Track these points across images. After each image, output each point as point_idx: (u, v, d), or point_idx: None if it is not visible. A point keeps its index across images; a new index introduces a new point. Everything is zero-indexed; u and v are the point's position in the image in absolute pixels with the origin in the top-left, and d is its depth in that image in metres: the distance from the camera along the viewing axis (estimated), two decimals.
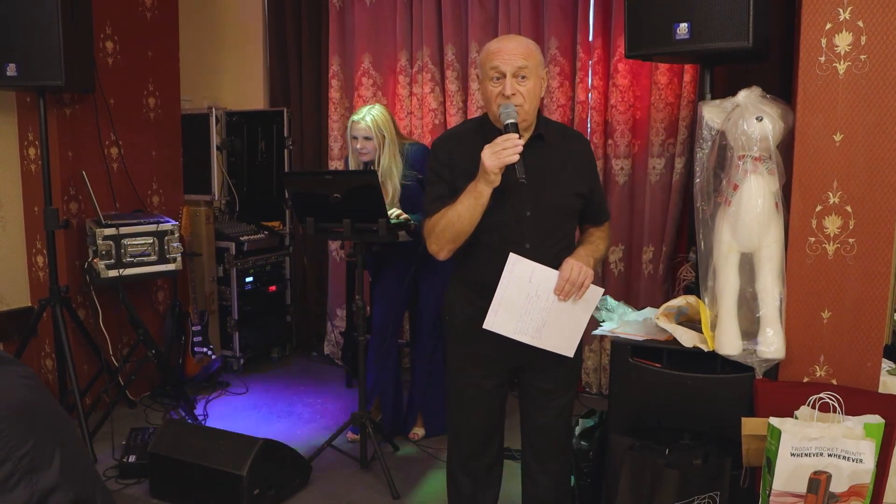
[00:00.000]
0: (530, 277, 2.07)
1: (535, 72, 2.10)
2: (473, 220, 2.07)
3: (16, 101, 3.74)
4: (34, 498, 1.25)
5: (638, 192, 3.94)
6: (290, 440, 3.33)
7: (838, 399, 2.15)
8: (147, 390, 4.10)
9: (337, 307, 4.79)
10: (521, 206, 2.12)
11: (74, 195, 3.73)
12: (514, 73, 2.06)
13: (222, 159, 4.90)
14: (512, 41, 2.12)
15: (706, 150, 2.45)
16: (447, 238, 2.12)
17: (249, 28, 5.02)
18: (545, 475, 2.35)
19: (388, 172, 3.27)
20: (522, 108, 2.08)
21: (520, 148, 1.98)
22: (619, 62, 3.82)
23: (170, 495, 2.94)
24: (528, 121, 2.13)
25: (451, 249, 2.15)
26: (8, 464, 1.23)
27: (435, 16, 4.27)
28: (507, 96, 2.05)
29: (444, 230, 2.11)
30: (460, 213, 2.07)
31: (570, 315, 2.12)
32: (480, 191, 2.03)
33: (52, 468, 1.29)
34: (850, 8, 2.19)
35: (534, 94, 2.10)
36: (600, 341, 4.08)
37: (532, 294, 2.08)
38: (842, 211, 2.27)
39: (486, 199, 2.04)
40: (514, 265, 2.07)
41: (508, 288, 2.07)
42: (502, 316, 2.08)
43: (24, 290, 3.85)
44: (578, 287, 2.07)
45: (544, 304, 2.09)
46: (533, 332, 2.10)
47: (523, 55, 2.07)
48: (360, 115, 3.30)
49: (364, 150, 3.30)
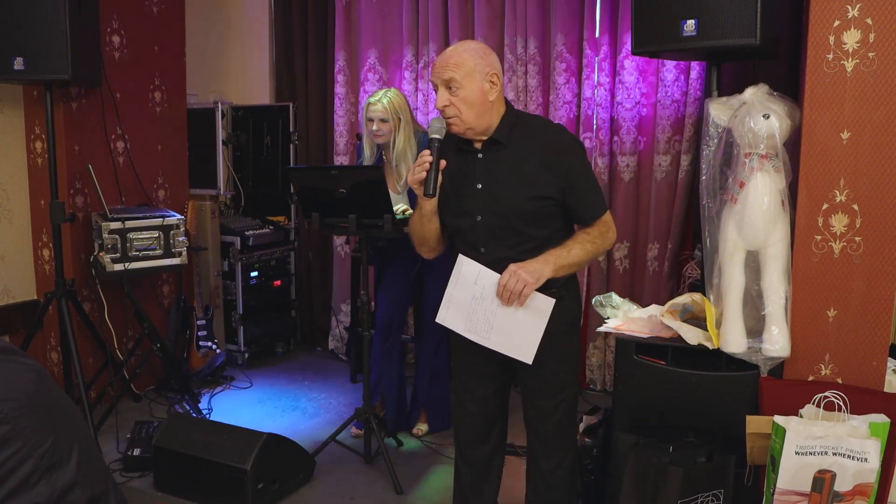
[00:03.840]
0: (475, 279, 2.11)
1: (469, 78, 2.05)
2: (424, 227, 2.20)
3: (23, 95, 3.74)
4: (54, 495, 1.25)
5: (643, 189, 3.93)
6: (295, 435, 3.34)
7: (843, 398, 2.14)
8: (152, 384, 4.11)
9: (342, 302, 4.80)
10: (473, 212, 2.14)
11: (80, 189, 3.74)
12: (445, 85, 2.07)
13: (228, 154, 4.90)
14: (447, 51, 2.12)
15: (712, 147, 2.44)
16: (416, 242, 2.29)
17: (255, 23, 5.02)
18: (546, 472, 2.35)
19: (403, 155, 3.27)
20: (458, 118, 2.07)
21: (427, 166, 2.05)
22: (626, 59, 3.82)
23: (174, 489, 2.95)
24: (473, 128, 2.10)
25: (427, 251, 2.29)
26: (30, 461, 1.23)
27: (441, 11, 4.27)
28: (439, 109, 2.09)
29: (411, 235, 2.30)
30: (414, 222, 2.24)
31: (520, 321, 2.10)
32: (421, 203, 2.15)
33: (71, 465, 1.29)
34: (858, 5, 2.17)
35: (470, 102, 2.06)
36: (605, 338, 4.07)
37: (478, 295, 2.11)
38: (848, 209, 2.26)
39: (427, 209, 2.15)
40: (461, 266, 2.13)
41: (457, 287, 2.13)
42: (453, 313, 2.15)
43: (30, 284, 3.86)
44: (517, 295, 2.03)
45: (489, 307, 2.11)
46: (482, 333, 2.13)
47: (451, 66, 2.05)
48: (377, 97, 3.30)
49: (380, 132, 3.29)
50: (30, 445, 1.24)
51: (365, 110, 3.34)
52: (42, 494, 1.24)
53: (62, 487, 1.27)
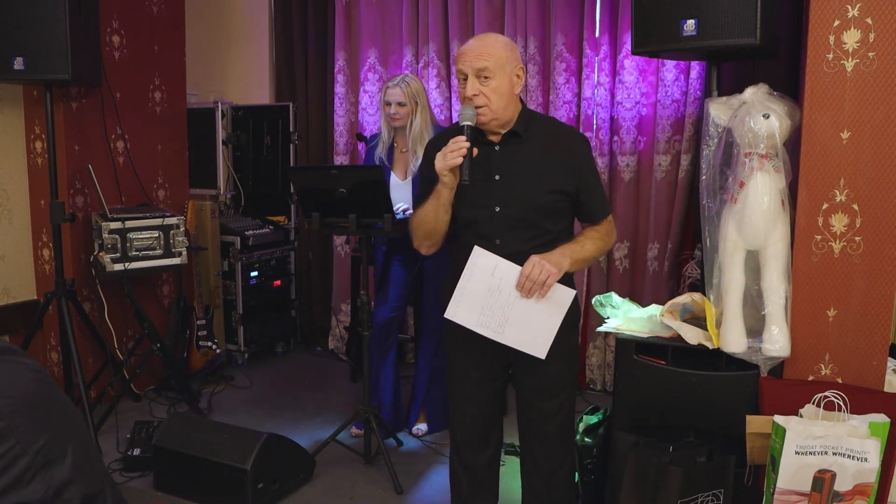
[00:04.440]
0: (493, 271, 2.08)
1: (502, 70, 2.08)
2: (438, 218, 2.14)
3: (23, 95, 3.74)
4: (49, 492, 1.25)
5: (643, 189, 3.93)
6: (295, 434, 3.33)
7: (843, 398, 2.14)
8: (152, 384, 4.11)
9: (342, 302, 4.80)
10: (491, 203, 2.14)
11: (80, 189, 3.74)
12: (475, 74, 2.08)
13: (228, 154, 4.90)
14: (477, 41, 2.13)
15: (712, 147, 2.44)
16: (420, 235, 2.23)
17: (255, 22, 5.02)
18: (542, 472, 2.35)
19: (419, 138, 3.29)
20: (488, 108, 2.08)
21: (464, 151, 2.02)
22: (626, 58, 3.81)
23: (174, 489, 2.94)
24: (499, 119, 2.12)
25: (429, 245, 2.24)
26: (25, 458, 1.24)
27: (441, 11, 4.27)
28: (469, 97, 2.08)
29: (416, 228, 2.22)
30: (427, 212, 2.17)
31: (537, 314, 2.09)
32: (439, 191, 2.11)
33: (66, 462, 1.29)
34: (858, 5, 2.17)
35: (500, 93, 2.09)
36: (605, 338, 4.08)
37: (494, 288, 2.08)
38: (848, 209, 2.26)
39: (445, 199, 2.11)
40: (477, 258, 2.09)
41: (471, 280, 2.09)
42: (464, 307, 2.10)
43: (30, 283, 3.86)
44: (540, 285, 2.05)
45: (506, 300, 2.08)
46: (496, 327, 2.09)
47: (485, 55, 2.07)
48: (395, 81, 3.33)
49: (397, 116, 3.32)
50: (24, 442, 1.24)
51: (383, 94, 3.39)
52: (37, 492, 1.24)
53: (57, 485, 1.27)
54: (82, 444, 1.38)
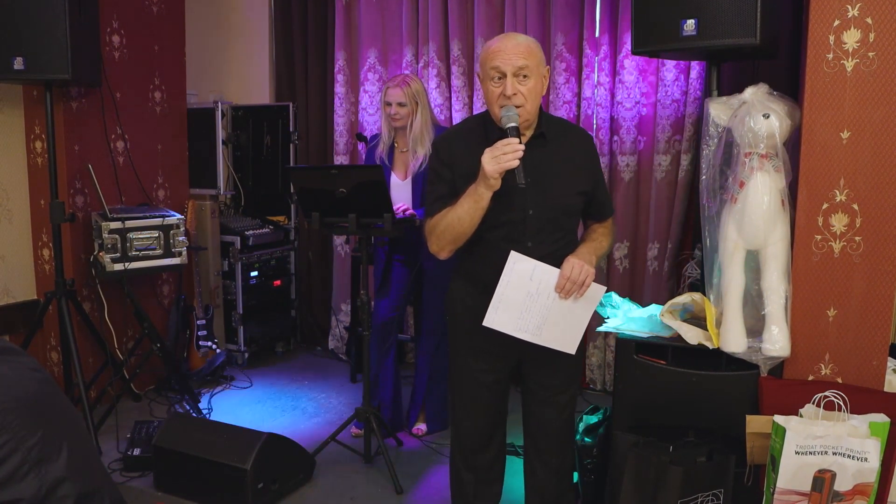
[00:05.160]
0: (531, 275, 2.08)
1: (537, 70, 2.08)
2: (474, 222, 2.08)
3: (23, 95, 3.74)
4: (43, 489, 1.26)
5: (643, 189, 3.93)
6: (295, 434, 3.33)
7: (843, 397, 2.14)
8: (152, 384, 4.11)
9: (342, 302, 4.80)
10: (524, 205, 2.12)
11: (80, 188, 3.74)
12: (514, 73, 2.05)
13: (228, 153, 4.90)
14: (512, 40, 2.10)
15: (712, 147, 2.44)
16: (448, 239, 2.13)
17: (255, 22, 5.02)
18: (547, 470, 2.35)
19: (420, 139, 3.30)
20: (524, 109, 2.07)
21: (520, 153, 1.97)
22: (626, 58, 3.81)
23: (174, 488, 2.94)
24: (529, 120, 2.13)
25: (451, 249, 2.16)
26: (18, 454, 1.24)
27: (441, 11, 4.26)
28: (508, 96, 2.05)
29: (445, 231, 2.12)
30: (460, 215, 2.07)
31: (572, 313, 2.12)
32: (481, 194, 2.03)
33: (60, 460, 1.30)
34: (858, 5, 2.17)
35: (535, 94, 2.09)
36: (605, 338, 4.07)
37: (533, 292, 2.08)
38: (848, 209, 2.26)
39: (486, 202, 2.04)
40: (514, 263, 2.07)
41: (509, 286, 2.07)
42: (503, 313, 2.09)
43: (30, 283, 3.86)
44: (580, 285, 2.07)
45: (545, 302, 2.09)
46: (534, 330, 2.10)
47: (524, 54, 2.05)
48: (396, 81, 3.34)
49: (397, 116, 3.32)
50: (17, 439, 1.25)
51: (383, 94, 3.39)
52: (30, 488, 1.25)
53: (51, 482, 1.28)
54: (79, 443, 1.38)
